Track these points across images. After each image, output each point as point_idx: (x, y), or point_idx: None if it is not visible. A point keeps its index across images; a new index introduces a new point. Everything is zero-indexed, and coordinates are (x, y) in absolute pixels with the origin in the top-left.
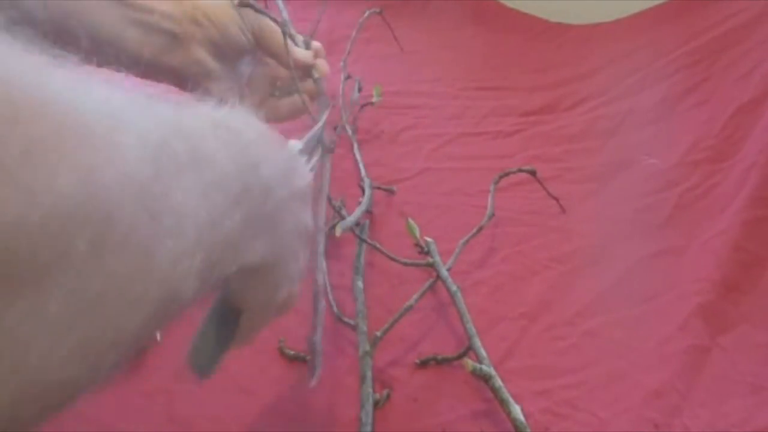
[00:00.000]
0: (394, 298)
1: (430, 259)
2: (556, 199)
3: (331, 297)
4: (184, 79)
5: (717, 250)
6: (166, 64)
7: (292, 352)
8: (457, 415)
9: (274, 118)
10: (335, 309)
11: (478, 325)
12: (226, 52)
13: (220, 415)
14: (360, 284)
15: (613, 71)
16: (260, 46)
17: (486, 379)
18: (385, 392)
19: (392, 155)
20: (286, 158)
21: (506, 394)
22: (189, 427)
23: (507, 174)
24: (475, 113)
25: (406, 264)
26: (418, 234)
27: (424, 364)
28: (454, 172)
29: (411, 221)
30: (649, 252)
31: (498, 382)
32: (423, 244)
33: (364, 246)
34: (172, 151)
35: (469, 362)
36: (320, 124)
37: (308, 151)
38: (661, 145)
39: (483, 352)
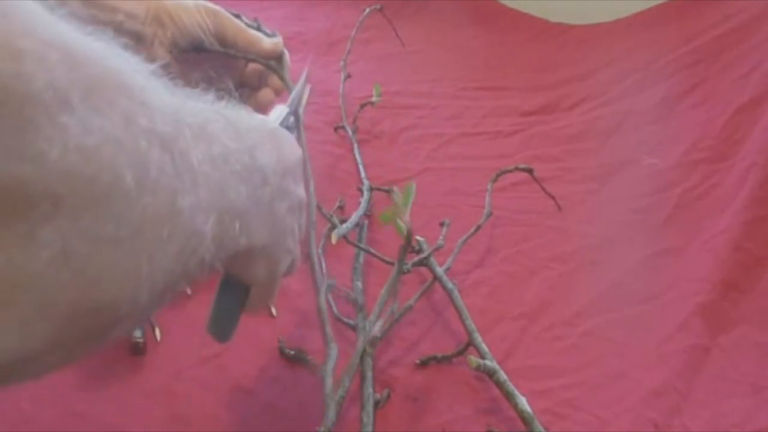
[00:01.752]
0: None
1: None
2: (553, 198)
3: (330, 297)
4: None
5: (717, 250)
6: None
7: (292, 352)
8: (457, 414)
9: None
10: (335, 309)
11: (477, 326)
12: (188, 53)
13: (219, 415)
14: (360, 285)
15: (612, 71)
16: (225, 42)
17: (490, 373)
18: (385, 392)
19: (392, 155)
20: (275, 139)
21: (511, 387)
22: (189, 427)
23: (504, 172)
24: (474, 113)
25: (401, 268)
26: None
27: (424, 364)
28: (454, 172)
29: (399, 222)
30: (649, 252)
31: (502, 375)
32: (414, 244)
33: (364, 243)
34: (184, 122)
35: (473, 359)
36: (291, 101)
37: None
38: (661, 145)
39: (485, 348)
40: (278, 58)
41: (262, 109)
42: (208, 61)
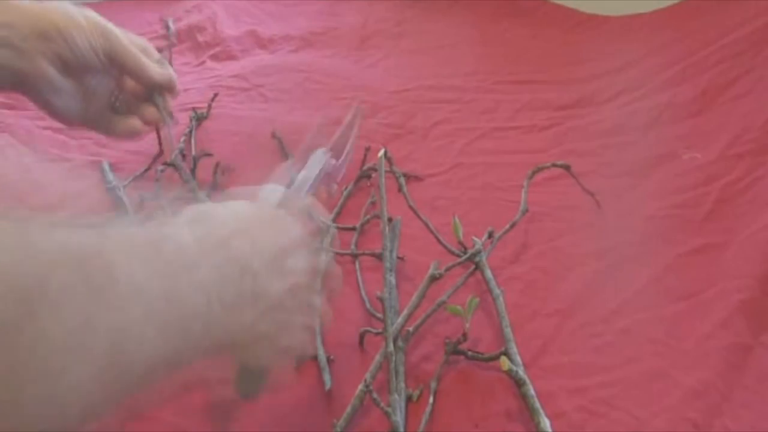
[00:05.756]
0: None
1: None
2: (592, 194)
3: (363, 292)
4: (29, 88)
5: (760, 246)
6: (9, 75)
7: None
8: (490, 411)
9: (109, 133)
10: (368, 305)
11: (511, 321)
12: (74, 66)
13: (247, 406)
14: (392, 279)
15: (650, 64)
16: (114, 63)
17: (519, 384)
18: (419, 387)
19: (425, 150)
20: (262, 223)
21: (537, 405)
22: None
23: (540, 169)
24: (508, 107)
25: (448, 269)
26: (461, 234)
27: (454, 352)
28: (488, 167)
29: (456, 220)
30: (689, 248)
31: (531, 390)
32: (465, 245)
33: (397, 241)
34: (112, 238)
35: (507, 361)
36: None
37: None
38: (702, 138)
39: (518, 359)
40: (169, 89)
41: (131, 132)
42: (92, 75)
